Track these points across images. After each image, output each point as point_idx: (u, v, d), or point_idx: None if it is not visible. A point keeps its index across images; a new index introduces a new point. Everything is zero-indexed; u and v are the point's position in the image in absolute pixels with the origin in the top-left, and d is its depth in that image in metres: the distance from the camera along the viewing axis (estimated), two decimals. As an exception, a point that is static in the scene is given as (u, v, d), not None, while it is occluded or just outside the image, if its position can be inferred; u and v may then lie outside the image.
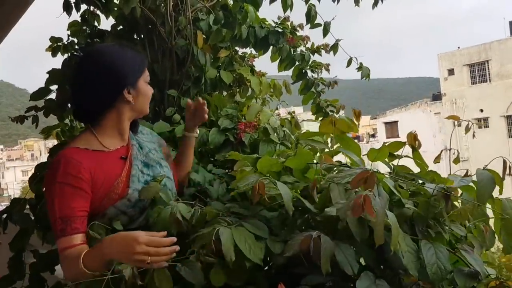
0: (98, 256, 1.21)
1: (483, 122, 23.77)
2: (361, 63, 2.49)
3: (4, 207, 2.19)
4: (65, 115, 2.30)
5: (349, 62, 2.48)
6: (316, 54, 2.54)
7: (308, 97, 2.56)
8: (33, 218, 2.03)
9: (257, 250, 1.09)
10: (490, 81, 24.38)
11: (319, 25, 2.41)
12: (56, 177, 1.31)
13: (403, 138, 1.53)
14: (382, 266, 1.18)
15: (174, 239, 1.19)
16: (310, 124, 2.41)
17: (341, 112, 2.59)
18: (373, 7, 2.46)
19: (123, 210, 1.39)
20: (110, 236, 1.26)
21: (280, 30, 2.38)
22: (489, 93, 23.95)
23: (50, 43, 2.34)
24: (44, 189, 1.39)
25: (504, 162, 1.20)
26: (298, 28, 2.45)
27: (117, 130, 1.45)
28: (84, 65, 1.46)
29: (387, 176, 1.25)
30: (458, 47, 26.45)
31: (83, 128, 1.77)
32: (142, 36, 2.25)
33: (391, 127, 28.55)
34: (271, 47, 2.41)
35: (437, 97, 27.86)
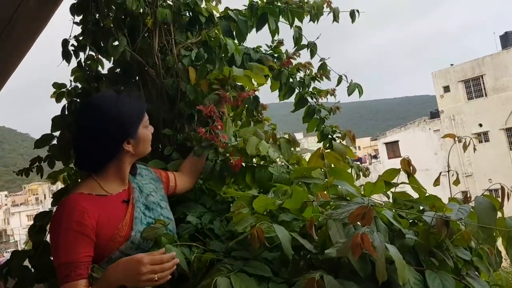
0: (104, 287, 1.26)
1: (483, 137, 23.75)
2: (351, 80, 2.41)
3: (9, 255, 2.18)
4: (70, 159, 2.31)
5: (339, 81, 2.41)
6: (316, 81, 2.48)
7: (312, 125, 2.46)
8: (32, 269, 2.00)
9: (257, 295, 1.07)
10: (486, 96, 24.50)
11: (304, 46, 2.38)
12: (62, 223, 1.34)
13: (406, 157, 1.52)
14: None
15: (174, 253, 1.28)
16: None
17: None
18: (352, 22, 2.41)
19: (127, 253, 1.40)
20: (113, 265, 1.29)
21: (275, 55, 2.36)
22: (486, 107, 24.03)
23: (54, 89, 2.37)
24: (49, 230, 1.45)
25: (502, 188, 1.18)
26: (295, 56, 2.40)
27: (118, 176, 1.50)
28: (84, 120, 1.50)
29: (385, 208, 1.23)
30: (451, 64, 26.70)
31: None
32: (137, 77, 2.27)
33: (392, 147, 28.55)
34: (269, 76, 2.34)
35: (435, 114, 27.96)
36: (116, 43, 2.08)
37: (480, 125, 24.01)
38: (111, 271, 1.28)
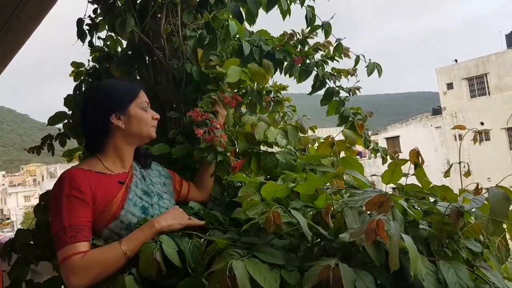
0: (145, 235, 1.37)
1: (484, 135, 23.73)
2: (369, 60, 2.36)
3: (7, 233, 2.19)
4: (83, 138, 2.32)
5: (357, 60, 2.36)
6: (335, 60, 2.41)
7: (332, 107, 2.38)
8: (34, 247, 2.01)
9: (272, 280, 1.05)
10: (489, 94, 24.44)
11: (318, 27, 2.32)
12: (63, 190, 1.39)
13: (405, 153, 1.51)
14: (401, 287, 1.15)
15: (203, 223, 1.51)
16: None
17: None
18: None
19: (117, 232, 1.45)
20: (161, 215, 1.45)
21: (284, 49, 2.28)
22: (488, 106, 24.00)
23: (72, 69, 2.38)
24: (50, 202, 1.46)
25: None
26: (311, 36, 2.33)
27: (117, 157, 1.58)
28: (82, 102, 1.66)
29: (402, 197, 1.22)
30: (456, 61, 26.58)
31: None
32: (147, 58, 2.25)
33: (393, 142, 28.52)
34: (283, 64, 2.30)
35: (437, 111, 27.91)
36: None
37: (482, 123, 23.97)
38: (161, 218, 1.42)
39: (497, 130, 23.47)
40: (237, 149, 1.92)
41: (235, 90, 2.14)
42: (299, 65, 2.29)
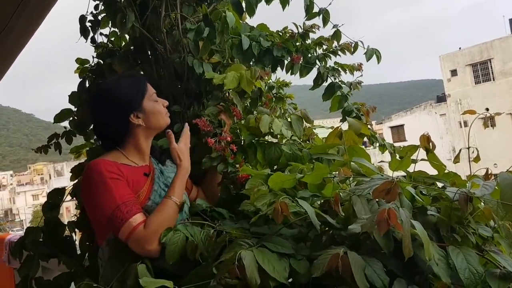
0: (183, 178, 1.54)
1: (490, 121, 23.59)
2: (368, 46, 2.32)
3: (16, 232, 2.22)
4: (90, 134, 2.34)
5: (355, 47, 2.31)
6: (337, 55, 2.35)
7: (335, 102, 2.35)
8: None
9: (281, 269, 1.06)
10: (494, 80, 24.28)
11: (316, 14, 2.26)
12: (103, 174, 1.43)
13: (410, 141, 1.50)
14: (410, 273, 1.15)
15: (187, 125, 1.68)
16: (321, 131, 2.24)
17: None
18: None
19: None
20: (182, 158, 1.56)
21: (284, 46, 2.23)
22: (493, 91, 23.84)
23: (77, 65, 2.37)
24: (85, 195, 1.50)
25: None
26: (313, 30, 2.29)
27: (137, 151, 1.61)
28: (93, 107, 1.66)
29: (409, 184, 1.21)
30: (460, 48, 26.40)
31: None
32: (149, 53, 2.25)
33: (398, 131, 28.45)
34: (284, 63, 2.26)
35: (441, 98, 27.77)
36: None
37: (487, 109, 23.82)
38: (182, 164, 1.55)
39: (503, 116, 23.31)
40: (242, 142, 1.91)
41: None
42: (300, 62, 2.26)
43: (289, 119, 1.89)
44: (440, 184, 1.40)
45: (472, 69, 25.21)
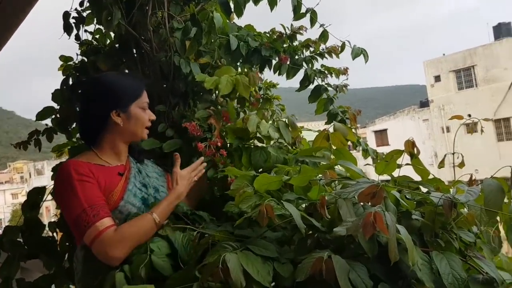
0: (173, 203, 1.50)
1: (473, 127, 23.88)
2: (354, 45, 2.31)
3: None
4: (73, 133, 2.31)
5: (343, 47, 2.31)
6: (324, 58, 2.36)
7: (320, 105, 2.35)
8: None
9: (265, 273, 1.05)
10: (476, 86, 24.61)
11: (303, 15, 2.24)
12: (73, 176, 1.41)
13: (393, 146, 1.51)
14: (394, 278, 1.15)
15: (202, 158, 1.69)
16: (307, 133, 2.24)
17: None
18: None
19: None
20: (178, 186, 1.55)
21: (272, 46, 2.23)
22: (476, 98, 24.17)
23: (61, 63, 2.34)
24: (56, 197, 1.50)
25: (513, 171, 1.17)
26: (300, 31, 2.29)
27: (113, 151, 1.59)
28: (81, 92, 1.70)
29: (394, 188, 1.21)
30: (444, 54, 26.73)
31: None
32: (135, 51, 2.22)
33: (381, 135, 28.68)
34: (272, 62, 2.26)
35: (424, 104, 28.07)
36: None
37: (469, 115, 24.08)
38: (180, 185, 1.55)
39: (485, 122, 23.59)
40: (228, 145, 1.90)
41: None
42: (287, 63, 2.26)
43: (275, 125, 1.89)
44: (424, 189, 1.41)
45: (455, 75, 25.53)
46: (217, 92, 1.94)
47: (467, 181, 1.35)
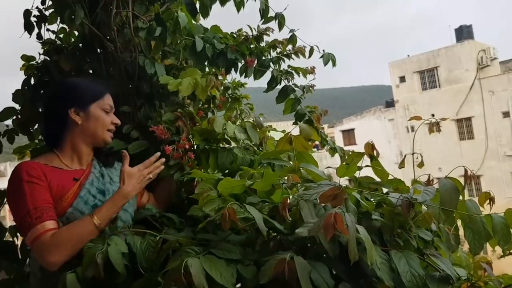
0: (117, 205, 1.44)
1: (435, 127, 24.48)
2: (323, 50, 2.37)
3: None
4: (35, 134, 2.26)
5: (311, 52, 2.36)
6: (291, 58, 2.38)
7: (288, 105, 2.37)
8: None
9: (228, 275, 1.06)
10: (439, 87, 25.30)
11: (272, 18, 2.29)
12: (23, 178, 1.40)
13: (360, 145, 1.55)
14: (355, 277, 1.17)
15: (158, 154, 1.59)
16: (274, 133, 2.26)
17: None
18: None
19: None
20: (125, 185, 1.48)
21: (238, 49, 2.23)
22: (439, 98, 24.85)
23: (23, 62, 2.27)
24: (7, 196, 1.48)
25: (466, 171, 1.22)
26: (267, 32, 2.31)
27: (75, 153, 1.57)
28: (43, 91, 1.74)
29: (355, 190, 1.24)
30: (408, 55, 27.34)
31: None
32: (99, 51, 2.18)
33: (348, 134, 29.11)
34: (238, 65, 2.27)
35: (390, 104, 28.66)
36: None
37: (433, 115, 24.72)
38: (127, 184, 1.47)
39: (448, 122, 24.28)
40: (194, 147, 1.90)
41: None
42: (254, 65, 2.27)
43: (243, 125, 1.90)
44: (385, 190, 1.45)
45: (419, 76, 26.15)
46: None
47: (425, 181, 1.40)
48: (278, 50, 2.39)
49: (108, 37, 2.08)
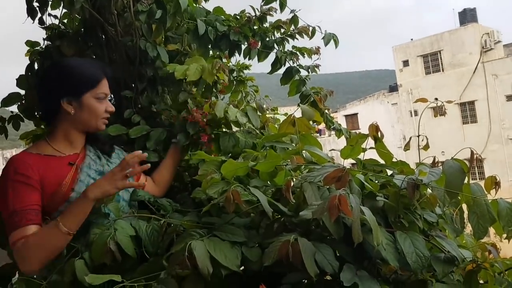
0: (81, 207, 1.32)
1: (440, 110, 24.37)
2: (325, 30, 2.32)
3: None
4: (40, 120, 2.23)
5: (313, 32, 2.31)
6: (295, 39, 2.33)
7: (293, 87, 2.32)
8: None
9: (233, 257, 1.06)
10: (443, 71, 25.13)
11: (273, 0, 2.23)
12: (8, 175, 1.39)
13: (363, 129, 1.53)
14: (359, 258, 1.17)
15: (139, 152, 1.37)
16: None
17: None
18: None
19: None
20: (95, 182, 1.37)
21: (241, 31, 2.18)
22: (442, 82, 24.70)
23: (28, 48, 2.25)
24: None
25: (472, 152, 1.21)
26: (270, 12, 2.25)
27: (67, 140, 1.55)
28: (40, 76, 1.66)
29: (359, 171, 1.24)
30: (411, 39, 27.12)
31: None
32: (101, 36, 2.16)
33: (352, 119, 29.04)
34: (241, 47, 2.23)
35: (393, 88, 28.53)
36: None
37: (436, 99, 24.55)
38: (91, 188, 1.34)
39: (451, 105, 24.22)
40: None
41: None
42: (257, 47, 2.24)
43: (244, 110, 1.88)
44: (389, 172, 1.44)
45: (423, 60, 25.97)
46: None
47: (430, 163, 1.39)
48: (282, 30, 2.35)
49: (109, 22, 2.06)
